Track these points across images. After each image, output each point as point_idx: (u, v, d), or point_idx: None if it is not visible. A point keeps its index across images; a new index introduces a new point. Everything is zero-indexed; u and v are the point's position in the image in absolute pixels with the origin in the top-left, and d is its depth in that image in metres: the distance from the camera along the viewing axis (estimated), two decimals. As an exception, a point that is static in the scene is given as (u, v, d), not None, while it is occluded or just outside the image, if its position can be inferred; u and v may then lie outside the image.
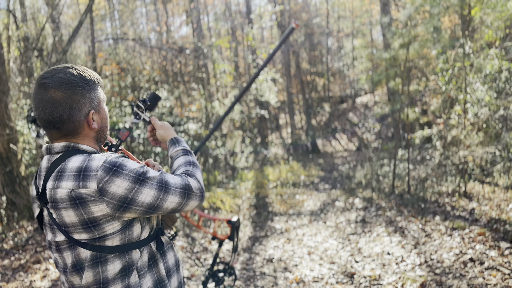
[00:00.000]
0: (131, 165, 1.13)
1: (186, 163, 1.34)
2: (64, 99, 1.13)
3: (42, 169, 1.19)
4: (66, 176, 1.10)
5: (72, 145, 1.19)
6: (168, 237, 1.42)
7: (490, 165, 6.44)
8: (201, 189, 1.25)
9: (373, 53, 18.81)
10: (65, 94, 1.13)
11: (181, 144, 1.44)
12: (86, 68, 1.25)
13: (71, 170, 1.10)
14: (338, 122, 21.03)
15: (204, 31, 17.28)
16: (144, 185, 1.12)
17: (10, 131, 5.35)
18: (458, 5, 6.01)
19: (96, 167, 1.09)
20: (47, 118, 1.14)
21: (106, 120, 1.29)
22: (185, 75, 14.00)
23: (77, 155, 1.15)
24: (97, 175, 1.08)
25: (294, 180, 9.83)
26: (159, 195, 1.15)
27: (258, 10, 10.85)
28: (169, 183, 1.18)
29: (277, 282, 3.80)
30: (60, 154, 1.18)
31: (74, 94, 1.15)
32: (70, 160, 1.13)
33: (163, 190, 1.16)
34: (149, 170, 1.17)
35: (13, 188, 5.41)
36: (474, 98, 6.07)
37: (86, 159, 1.12)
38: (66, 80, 1.15)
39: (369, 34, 21.89)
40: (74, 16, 16.65)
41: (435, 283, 3.32)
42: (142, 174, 1.13)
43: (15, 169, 5.45)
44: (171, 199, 1.17)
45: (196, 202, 1.24)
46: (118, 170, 1.10)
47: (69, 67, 1.19)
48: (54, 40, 6.23)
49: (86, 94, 1.19)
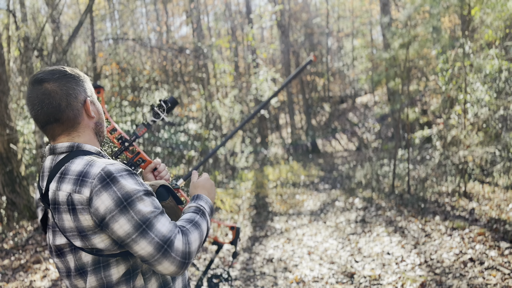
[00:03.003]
0: (126, 183, 1.04)
1: (188, 219, 1.15)
2: (59, 88, 1.13)
3: (46, 170, 1.16)
4: (68, 179, 1.07)
5: (76, 146, 1.15)
6: None
7: (490, 165, 6.44)
8: (185, 254, 1.04)
9: (373, 53, 18.82)
10: (59, 83, 1.13)
11: (198, 201, 1.27)
12: None
13: (73, 173, 1.07)
14: (338, 122, 21.03)
15: (204, 31, 17.27)
16: (123, 214, 1.01)
17: (10, 131, 5.35)
18: (458, 5, 6.01)
19: (94, 174, 1.04)
20: (45, 111, 1.12)
21: (101, 115, 1.26)
22: (185, 75, 14.00)
23: (81, 156, 1.12)
24: (92, 183, 1.03)
25: (294, 180, 9.83)
26: (132, 233, 1.01)
27: (258, 10, 10.86)
28: (152, 227, 1.02)
29: (277, 282, 3.80)
30: (64, 154, 1.14)
31: (68, 82, 1.15)
32: (74, 162, 1.10)
33: (140, 230, 1.01)
34: (142, 200, 1.04)
35: (13, 188, 5.41)
36: (474, 98, 6.07)
37: (88, 164, 1.08)
38: (58, 71, 1.15)
39: (369, 34, 21.88)
40: (74, 16, 16.65)
41: (435, 283, 3.33)
42: (129, 199, 1.02)
43: (15, 169, 5.45)
44: (143, 245, 1.01)
45: (172, 266, 1.03)
46: (109, 184, 1.02)
47: (58, 66, 1.20)
48: (54, 40, 6.23)
49: (80, 82, 1.18)
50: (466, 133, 5.83)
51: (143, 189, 1.07)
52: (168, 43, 15.55)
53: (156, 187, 1.32)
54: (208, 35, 18.02)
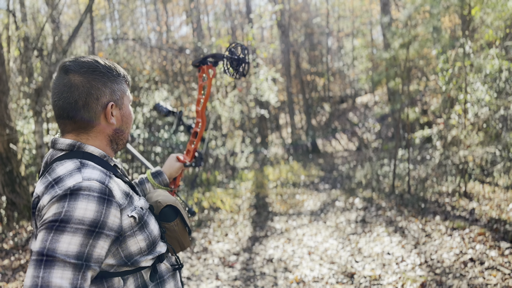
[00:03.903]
0: (82, 206, 0.89)
1: None
2: (83, 84, 1.01)
3: (43, 165, 1.07)
4: (45, 180, 0.97)
5: (78, 145, 1.04)
6: (172, 264, 1.19)
7: (490, 165, 6.43)
8: None
9: (373, 53, 18.82)
10: (84, 79, 1.01)
11: None
12: (116, 64, 1.12)
13: (53, 176, 0.96)
14: (338, 122, 21.02)
15: (204, 31, 17.28)
16: (46, 231, 0.87)
17: (10, 131, 5.35)
18: (458, 5, 6.01)
19: (66, 185, 0.91)
20: (61, 105, 1.02)
21: (128, 121, 1.12)
22: (185, 75, 14.00)
23: (75, 160, 1.00)
24: (57, 193, 0.90)
25: (294, 180, 9.83)
26: (33, 255, 0.87)
27: (258, 10, 10.84)
28: (48, 268, 0.84)
29: (277, 282, 3.80)
30: (63, 152, 1.04)
31: (94, 80, 1.03)
32: (63, 164, 0.99)
33: (36, 259, 0.85)
34: (75, 235, 0.87)
35: (13, 188, 5.41)
36: (474, 98, 6.06)
37: (72, 171, 0.95)
38: (88, 64, 1.03)
39: (369, 34, 21.87)
40: (74, 16, 16.65)
41: (435, 283, 3.32)
42: (63, 223, 0.87)
43: (15, 169, 5.45)
44: (28, 274, 0.85)
45: None
46: (66, 197, 0.89)
47: (95, 57, 1.07)
48: (54, 40, 6.23)
49: (108, 83, 1.05)
50: (466, 133, 5.83)
51: (92, 223, 0.89)
52: (168, 43, 15.55)
53: (162, 206, 1.18)
54: (208, 35, 18.02)
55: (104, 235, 0.92)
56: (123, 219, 0.98)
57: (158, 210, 1.17)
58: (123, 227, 0.98)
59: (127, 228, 0.99)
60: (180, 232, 1.22)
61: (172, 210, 1.20)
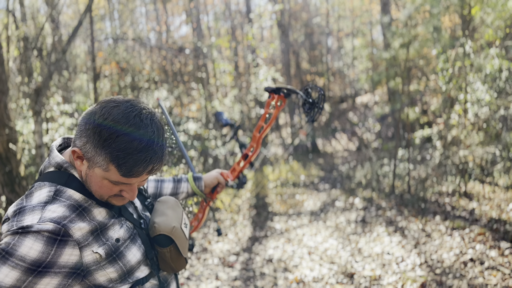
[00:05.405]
0: (28, 244, 0.89)
1: None
2: (83, 119, 0.99)
3: (39, 172, 1.08)
4: (19, 203, 0.97)
5: (65, 167, 1.03)
6: (163, 278, 1.18)
7: (490, 165, 6.42)
8: None
9: (373, 52, 18.81)
10: (101, 123, 0.94)
11: None
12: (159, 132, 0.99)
13: (24, 203, 0.96)
14: (338, 122, 21.02)
15: (204, 31, 17.28)
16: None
17: (9, 131, 5.34)
18: (458, 4, 6.00)
19: (22, 222, 0.91)
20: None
21: (92, 184, 1.01)
22: (185, 75, 14.00)
23: (50, 187, 0.99)
24: (12, 227, 0.91)
25: (294, 180, 9.83)
26: None
27: (258, 10, 10.84)
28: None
29: (277, 282, 3.79)
30: (51, 168, 1.04)
31: (88, 124, 0.97)
32: (40, 190, 0.99)
33: None
34: (13, 269, 0.88)
35: (12, 188, 5.40)
36: (474, 98, 6.06)
37: (35, 206, 0.95)
38: (130, 117, 0.95)
39: (369, 34, 21.86)
40: (73, 16, 16.64)
41: (435, 283, 3.32)
42: (7, 254, 0.88)
43: (15, 169, 5.44)
44: None
45: None
46: (17, 233, 0.90)
47: (148, 114, 0.98)
48: (54, 39, 6.22)
49: (103, 144, 0.94)
50: (466, 133, 5.82)
51: (34, 263, 0.89)
52: (167, 42, 15.55)
53: (155, 234, 1.14)
54: (208, 34, 18.02)
55: (51, 273, 0.92)
56: (85, 255, 0.97)
57: (153, 234, 1.15)
58: (84, 263, 0.97)
59: (92, 263, 0.98)
60: (173, 258, 1.18)
61: (167, 238, 1.15)
